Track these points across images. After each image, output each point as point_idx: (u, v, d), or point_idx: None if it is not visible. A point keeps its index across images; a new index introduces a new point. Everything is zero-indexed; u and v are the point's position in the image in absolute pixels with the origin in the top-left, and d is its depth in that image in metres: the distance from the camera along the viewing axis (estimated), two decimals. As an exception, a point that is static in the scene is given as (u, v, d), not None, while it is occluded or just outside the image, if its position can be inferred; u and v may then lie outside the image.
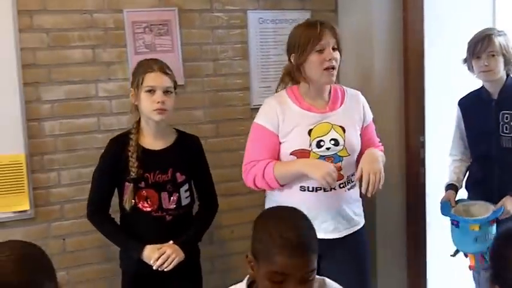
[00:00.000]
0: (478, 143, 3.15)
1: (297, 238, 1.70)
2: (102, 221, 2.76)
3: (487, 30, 3.05)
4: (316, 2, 3.56)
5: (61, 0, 2.98)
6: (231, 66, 3.39)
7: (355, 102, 2.86)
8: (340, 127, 2.74)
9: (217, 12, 3.32)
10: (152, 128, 2.70)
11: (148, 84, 2.61)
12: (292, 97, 2.76)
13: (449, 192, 3.18)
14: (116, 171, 2.68)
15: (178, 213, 2.73)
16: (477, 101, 3.15)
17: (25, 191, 2.98)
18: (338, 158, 2.72)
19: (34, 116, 2.99)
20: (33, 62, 2.97)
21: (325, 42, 2.65)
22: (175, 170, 2.72)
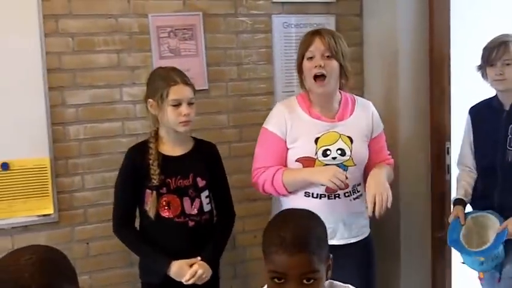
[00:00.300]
0: (483, 155, 3.02)
1: (293, 236, 1.66)
2: (128, 235, 2.74)
3: (503, 37, 2.90)
4: (341, 6, 3.54)
5: (86, 5, 2.99)
6: (255, 70, 3.37)
7: (364, 112, 2.85)
8: (348, 137, 2.75)
9: (241, 17, 3.31)
10: (172, 137, 2.69)
11: (174, 98, 2.58)
12: (302, 104, 2.79)
13: (458, 209, 2.99)
14: (137, 180, 2.67)
15: (200, 219, 2.72)
16: (488, 110, 3.02)
17: (49, 194, 2.98)
18: (343, 167, 2.73)
19: (59, 120, 3.00)
20: (59, 66, 2.97)
21: (314, 49, 2.67)
22: (196, 174, 2.71)
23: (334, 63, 2.67)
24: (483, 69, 2.96)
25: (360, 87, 3.61)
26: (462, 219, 2.94)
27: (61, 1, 2.95)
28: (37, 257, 1.41)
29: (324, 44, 2.66)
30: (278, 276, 1.66)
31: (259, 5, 3.35)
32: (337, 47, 2.67)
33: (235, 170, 3.25)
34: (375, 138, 2.87)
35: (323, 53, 2.66)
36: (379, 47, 3.49)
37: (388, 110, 3.39)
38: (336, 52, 2.67)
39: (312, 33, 2.73)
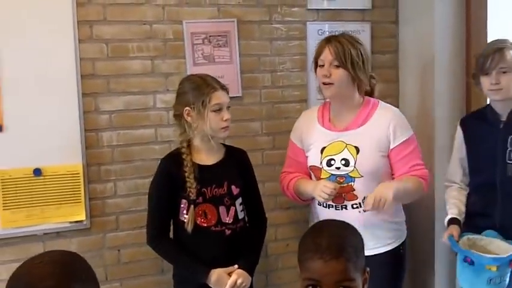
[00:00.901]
0: (480, 170, 2.80)
1: (328, 242, 1.65)
2: (164, 246, 2.71)
3: (498, 43, 2.71)
4: (377, 13, 3.51)
5: (121, 11, 2.99)
6: (289, 78, 3.35)
7: (382, 120, 2.76)
8: (355, 147, 2.72)
9: (276, 24, 3.29)
10: (206, 145, 2.67)
11: (215, 103, 2.58)
12: (320, 113, 2.85)
13: (453, 228, 2.75)
14: (172, 190, 2.65)
15: (236, 227, 2.70)
16: (482, 122, 2.80)
17: (81, 201, 2.98)
18: (350, 178, 2.72)
19: (92, 127, 2.99)
20: (92, 72, 2.97)
21: (324, 58, 2.71)
22: (230, 182, 2.69)
23: (341, 72, 2.67)
24: (477, 78, 2.75)
25: (395, 95, 3.59)
26: (456, 236, 2.70)
27: (96, 7, 2.95)
28: (48, 260, 1.45)
29: (332, 54, 2.67)
30: (313, 283, 1.63)
31: (294, 12, 3.33)
32: (346, 55, 2.65)
33: (268, 177, 3.23)
34: (396, 148, 2.75)
35: (331, 62, 2.68)
36: (415, 54, 3.44)
37: (423, 118, 3.36)
38: (344, 61, 2.65)
39: (324, 41, 2.75)
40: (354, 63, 2.67)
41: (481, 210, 2.77)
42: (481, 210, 2.76)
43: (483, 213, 2.75)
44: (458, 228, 2.74)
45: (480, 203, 2.78)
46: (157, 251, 2.73)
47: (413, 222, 3.48)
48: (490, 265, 2.55)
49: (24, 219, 2.88)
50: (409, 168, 2.76)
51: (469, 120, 2.91)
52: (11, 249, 2.86)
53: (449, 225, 2.77)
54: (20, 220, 2.87)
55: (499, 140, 2.70)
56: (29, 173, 2.87)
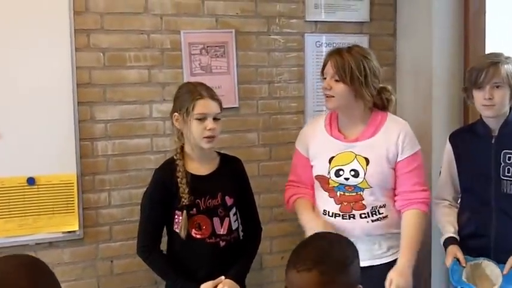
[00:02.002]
0: (473, 188, 2.69)
1: (307, 254, 1.64)
2: (154, 258, 2.65)
3: (492, 56, 2.62)
4: (374, 26, 3.51)
5: (118, 20, 2.98)
6: (286, 89, 3.34)
7: (391, 133, 2.73)
8: (365, 158, 2.68)
9: (274, 35, 3.29)
10: (197, 154, 2.63)
11: (199, 112, 2.53)
12: (327, 122, 2.80)
13: (454, 249, 2.65)
14: (166, 201, 2.61)
15: (230, 238, 2.67)
16: (473, 137, 2.71)
17: (75, 211, 2.95)
18: (358, 188, 2.69)
19: (87, 136, 2.97)
20: (89, 81, 2.96)
21: (326, 71, 2.69)
22: (224, 193, 2.65)
23: (341, 86, 2.64)
24: (469, 92, 2.65)
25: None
26: (462, 260, 2.60)
27: (93, 16, 2.93)
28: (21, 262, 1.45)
29: (332, 68, 2.65)
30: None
31: (292, 23, 3.32)
32: (346, 70, 2.62)
33: (264, 189, 3.23)
34: (403, 160, 2.72)
35: (332, 76, 2.66)
36: (413, 67, 3.44)
37: (421, 131, 3.33)
38: (343, 76, 2.62)
39: (328, 53, 2.74)
40: (354, 78, 2.62)
41: (474, 231, 2.67)
42: (474, 231, 2.67)
43: (476, 234, 2.65)
44: (459, 248, 2.65)
45: (473, 223, 2.68)
46: (147, 262, 2.68)
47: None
48: None
49: (17, 228, 2.85)
50: (411, 185, 2.71)
51: (459, 136, 2.82)
52: (3, 258, 2.82)
53: (449, 246, 2.68)
54: (12, 229, 2.84)
55: (492, 156, 2.61)
56: (23, 182, 2.84)
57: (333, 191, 2.72)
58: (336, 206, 2.71)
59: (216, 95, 2.62)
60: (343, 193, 2.70)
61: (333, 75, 2.65)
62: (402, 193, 2.73)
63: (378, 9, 3.52)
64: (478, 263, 2.61)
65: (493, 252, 2.60)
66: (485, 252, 2.61)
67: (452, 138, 2.81)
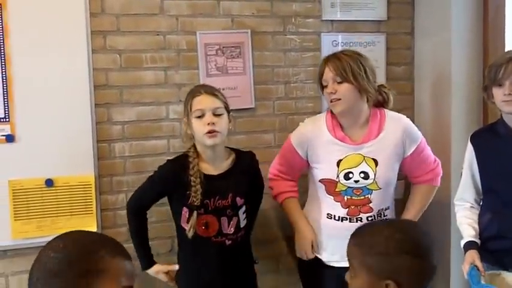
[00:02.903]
0: (494, 189, 2.63)
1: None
2: (135, 219, 2.74)
3: (511, 53, 2.56)
4: (392, 25, 3.48)
5: (134, 22, 2.99)
6: (302, 89, 3.32)
7: (394, 130, 2.75)
8: (373, 160, 2.70)
9: (290, 35, 3.27)
10: (209, 154, 2.63)
11: (196, 108, 2.54)
12: (329, 124, 2.77)
13: (473, 255, 2.57)
14: (169, 190, 2.66)
15: (237, 236, 2.68)
16: (494, 137, 2.65)
17: (93, 212, 2.96)
18: (367, 190, 2.71)
19: (104, 137, 2.98)
20: (105, 82, 2.97)
21: (326, 78, 2.68)
22: (235, 194, 2.65)
23: (345, 86, 2.64)
24: (489, 90, 2.59)
25: (410, 107, 3.55)
26: (482, 269, 2.52)
27: (109, 18, 2.94)
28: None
29: (332, 71, 2.65)
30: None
31: (308, 23, 3.30)
32: (346, 69, 2.63)
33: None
34: (412, 154, 2.78)
35: (334, 80, 2.65)
36: (431, 66, 3.41)
37: (439, 130, 3.32)
38: (345, 75, 2.63)
39: (323, 61, 2.74)
40: (356, 74, 2.63)
41: (496, 233, 2.61)
42: (496, 233, 2.61)
43: (499, 236, 2.59)
44: (478, 253, 2.57)
45: (495, 225, 2.61)
46: (128, 218, 2.76)
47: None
48: None
49: (35, 230, 2.87)
50: (425, 168, 2.87)
51: (481, 136, 2.75)
52: (21, 260, 2.85)
53: (468, 250, 2.61)
54: (30, 231, 2.86)
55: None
56: (41, 184, 2.86)
57: (339, 195, 2.73)
58: (343, 210, 2.73)
59: (217, 90, 2.62)
60: (350, 197, 2.71)
61: (335, 78, 2.64)
62: (418, 177, 2.89)
63: (396, 8, 3.48)
64: (496, 274, 2.56)
65: None
66: (508, 254, 2.56)
67: (474, 138, 2.75)
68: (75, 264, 1.38)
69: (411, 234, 1.70)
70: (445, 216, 3.25)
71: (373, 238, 1.73)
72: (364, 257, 1.71)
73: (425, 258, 1.67)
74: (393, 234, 1.69)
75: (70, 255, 1.39)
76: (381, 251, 1.68)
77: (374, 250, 1.69)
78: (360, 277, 1.71)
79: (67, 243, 1.42)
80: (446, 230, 3.25)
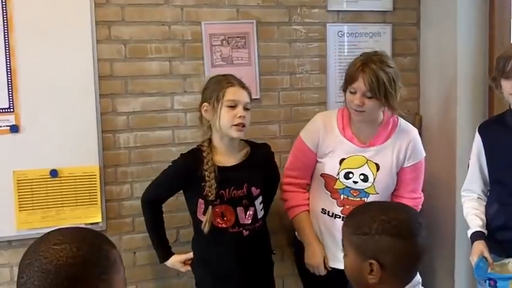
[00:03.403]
0: (501, 179, 2.63)
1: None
2: (150, 211, 2.76)
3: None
4: (398, 15, 3.46)
5: (139, 12, 2.97)
6: (308, 80, 3.31)
7: (402, 139, 2.77)
8: (375, 164, 2.73)
9: (295, 25, 3.26)
10: (226, 145, 2.63)
11: (230, 98, 2.54)
12: (340, 121, 2.79)
13: (481, 246, 2.58)
14: (183, 184, 2.67)
15: (254, 227, 2.68)
16: (501, 128, 2.65)
17: (98, 203, 2.96)
18: (364, 193, 2.74)
19: (109, 128, 2.98)
20: (110, 73, 2.95)
21: (356, 87, 2.62)
22: (250, 184, 2.65)
23: (374, 102, 2.62)
24: (497, 81, 2.58)
25: (415, 98, 3.55)
26: (490, 260, 2.54)
27: (114, 8, 2.93)
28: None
29: (366, 86, 2.59)
30: None
31: (313, 13, 3.29)
32: (380, 87, 2.58)
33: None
34: (407, 168, 2.79)
35: (364, 93, 2.61)
36: (437, 57, 3.39)
37: (445, 121, 3.32)
38: (377, 94, 2.59)
39: (358, 67, 2.62)
40: (388, 94, 2.60)
41: (503, 223, 2.61)
42: (504, 223, 2.61)
43: (506, 227, 2.60)
44: (485, 244, 2.58)
45: (503, 215, 2.62)
46: (143, 211, 2.78)
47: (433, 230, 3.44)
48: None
49: (40, 220, 2.87)
50: (408, 191, 2.82)
51: (488, 126, 2.75)
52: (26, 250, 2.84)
53: (475, 241, 2.62)
54: (35, 221, 2.86)
55: None
56: (46, 174, 2.86)
57: (337, 192, 2.76)
58: (338, 207, 2.77)
59: (246, 85, 2.63)
60: (347, 197, 2.75)
61: (365, 93, 2.60)
62: (398, 196, 2.82)
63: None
64: (505, 263, 2.56)
65: None
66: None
67: (481, 129, 2.75)
68: (97, 264, 1.39)
69: (396, 216, 1.70)
70: (449, 209, 3.25)
71: (360, 218, 1.76)
72: (351, 236, 1.75)
73: (408, 240, 1.67)
74: (378, 215, 1.71)
75: (91, 256, 1.39)
76: (365, 231, 1.71)
77: (360, 230, 1.72)
78: (349, 256, 1.76)
79: (79, 245, 1.40)
80: (450, 221, 3.25)
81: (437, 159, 3.29)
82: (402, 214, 1.74)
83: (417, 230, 1.70)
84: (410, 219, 1.72)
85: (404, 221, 1.70)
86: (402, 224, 1.69)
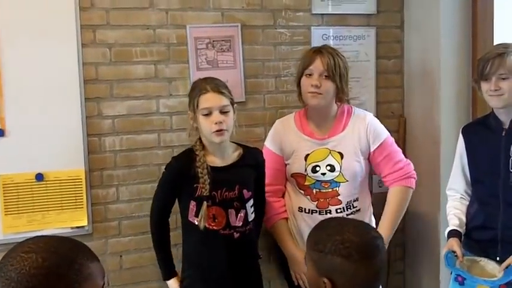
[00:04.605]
0: (482, 180, 2.68)
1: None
2: (160, 235, 2.74)
3: (500, 48, 2.57)
4: (382, 18, 3.49)
5: (124, 16, 2.97)
6: (293, 83, 3.26)
7: (359, 125, 2.88)
8: (339, 153, 2.83)
9: (280, 29, 3.27)
10: (215, 147, 2.64)
11: (203, 107, 2.54)
12: (298, 121, 2.92)
13: (453, 242, 2.65)
14: (178, 187, 2.65)
15: (245, 229, 2.69)
16: (485, 130, 2.69)
17: (83, 206, 2.96)
18: (335, 183, 2.84)
19: (95, 131, 2.97)
20: (95, 77, 2.95)
21: (313, 68, 2.75)
22: (242, 186, 2.66)
23: (330, 83, 2.74)
24: (478, 83, 2.63)
25: (399, 100, 3.58)
26: (459, 253, 2.61)
27: (99, 12, 2.93)
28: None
29: (323, 65, 2.73)
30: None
31: (298, 16, 3.30)
32: (336, 68, 2.73)
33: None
34: (376, 150, 2.88)
35: (321, 73, 2.73)
36: (420, 60, 3.42)
37: (428, 123, 3.35)
38: (333, 73, 2.73)
39: (314, 51, 2.80)
40: (342, 76, 2.76)
41: (482, 223, 2.67)
42: (482, 223, 2.66)
43: (484, 226, 2.65)
44: (459, 241, 2.66)
45: (482, 215, 2.67)
46: (152, 231, 2.76)
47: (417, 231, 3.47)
48: (482, 285, 2.50)
49: (26, 224, 2.86)
50: (392, 165, 2.90)
51: (472, 128, 2.81)
52: (12, 255, 2.84)
53: (449, 238, 2.69)
54: (21, 225, 2.85)
55: (502, 148, 2.59)
56: (31, 178, 2.86)
57: (308, 188, 2.84)
58: (313, 203, 2.85)
59: (223, 87, 2.62)
60: (319, 190, 2.83)
61: (323, 72, 2.73)
62: (387, 175, 2.91)
63: (385, 1, 3.49)
64: (476, 260, 2.62)
65: (500, 244, 2.59)
66: (492, 245, 2.61)
67: (465, 130, 2.81)
68: (64, 278, 1.37)
69: (350, 238, 1.70)
70: (434, 209, 3.29)
71: (318, 234, 1.79)
72: (309, 251, 1.78)
73: (359, 263, 1.68)
74: (334, 235, 1.72)
75: (57, 269, 1.36)
76: (320, 248, 1.73)
77: (316, 246, 1.75)
78: (308, 269, 1.79)
79: (46, 256, 1.37)
80: (435, 221, 3.28)
81: (422, 160, 3.32)
82: (357, 236, 1.72)
83: (371, 253, 1.71)
84: (364, 242, 1.72)
85: (358, 243, 1.70)
86: (355, 246, 1.69)
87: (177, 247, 2.84)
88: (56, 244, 1.42)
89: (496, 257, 2.60)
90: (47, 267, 1.35)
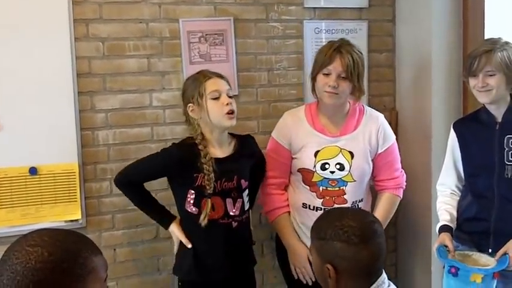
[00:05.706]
0: (476, 173, 2.69)
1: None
2: (129, 189, 2.74)
3: (487, 44, 2.58)
4: (374, 12, 3.50)
5: (117, 9, 2.98)
6: (285, 76, 3.34)
7: (371, 125, 2.86)
8: (349, 152, 2.79)
9: (273, 22, 3.28)
10: (216, 138, 2.66)
11: (212, 89, 2.57)
12: (308, 115, 2.86)
13: (444, 236, 2.67)
14: (171, 174, 2.67)
15: (242, 218, 2.71)
16: (477, 125, 2.71)
17: (77, 200, 2.97)
18: (342, 182, 2.80)
19: (88, 125, 2.98)
20: (89, 71, 2.96)
21: (332, 68, 2.70)
22: (240, 177, 2.69)
23: (347, 83, 2.71)
24: (467, 80, 2.65)
25: (391, 93, 3.60)
26: (451, 248, 2.62)
27: (92, 5, 2.93)
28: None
29: (343, 66, 2.69)
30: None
31: (290, 10, 3.31)
32: (354, 69, 2.70)
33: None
34: (382, 153, 2.88)
35: (339, 74, 2.69)
36: (412, 53, 3.44)
37: (420, 117, 3.36)
38: (351, 74, 2.69)
39: (334, 50, 2.72)
40: (359, 77, 2.73)
41: (474, 215, 2.69)
42: (475, 215, 2.69)
43: (478, 218, 2.67)
44: (450, 236, 2.68)
45: (475, 207, 2.69)
46: (123, 192, 2.76)
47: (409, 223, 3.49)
48: (475, 273, 2.52)
49: (19, 218, 2.87)
50: (391, 172, 2.92)
51: (463, 123, 2.82)
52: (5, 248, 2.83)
53: (441, 233, 2.70)
54: (14, 219, 2.86)
55: (496, 141, 2.61)
56: (25, 172, 2.86)
57: (315, 185, 2.81)
58: (319, 200, 2.81)
59: (222, 74, 2.67)
60: (325, 188, 2.80)
61: (341, 73, 2.69)
62: (383, 180, 2.92)
63: (377, -5, 3.50)
64: (468, 254, 2.64)
65: (492, 236, 2.61)
66: (484, 236, 2.64)
67: (456, 125, 2.82)
68: (69, 272, 1.37)
69: (348, 223, 1.78)
70: (425, 202, 3.30)
71: (320, 223, 1.87)
72: (313, 240, 1.86)
73: (358, 246, 1.75)
74: (333, 221, 1.80)
75: (62, 263, 1.37)
76: (322, 236, 1.81)
77: (318, 234, 1.82)
78: (313, 258, 1.87)
79: (52, 250, 1.38)
80: (427, 215, 3.30)
81: (413, 154, 3.34)
82: (355, 221, 1.80)
83: (369, 236, 1.78)
84: (362, 226, 1.79)
85: (356, 227, 1.77)
86: (353, 230, 1.76)
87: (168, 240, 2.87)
88: (61, 238, 1.43)
89: (488, 249, 2.62)
90: (53, 261, 1.36)
